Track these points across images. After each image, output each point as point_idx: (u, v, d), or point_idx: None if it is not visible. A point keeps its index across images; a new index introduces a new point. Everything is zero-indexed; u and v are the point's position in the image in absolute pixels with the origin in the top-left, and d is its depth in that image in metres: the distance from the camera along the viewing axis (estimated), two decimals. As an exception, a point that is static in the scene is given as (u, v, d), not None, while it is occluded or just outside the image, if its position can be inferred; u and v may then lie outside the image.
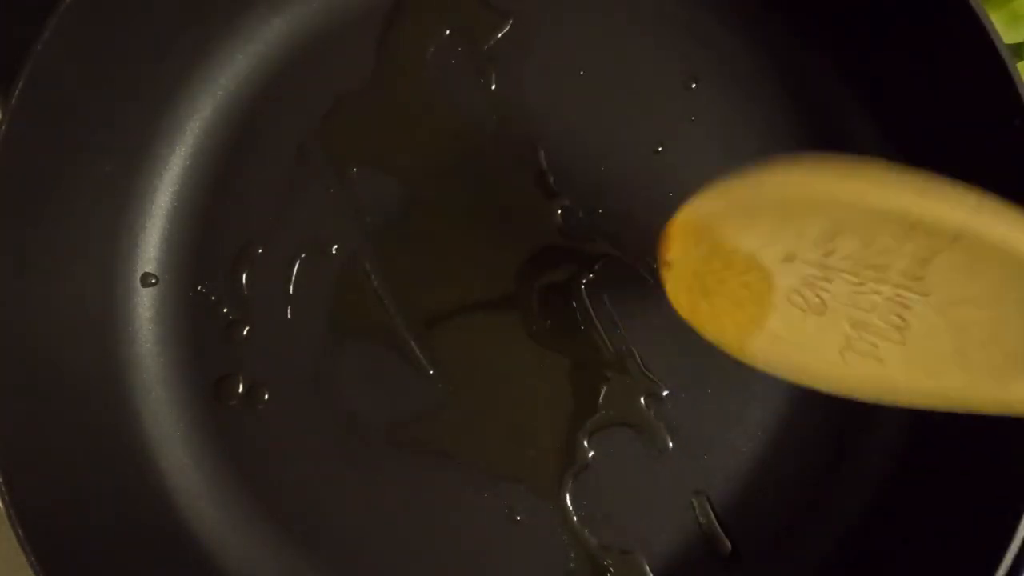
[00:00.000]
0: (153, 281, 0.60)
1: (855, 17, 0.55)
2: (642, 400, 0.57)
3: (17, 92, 0.52)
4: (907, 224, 0.31)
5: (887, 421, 0.56)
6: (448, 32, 0.59)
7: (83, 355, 0.58)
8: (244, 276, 0.60)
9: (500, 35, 0.59)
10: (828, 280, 0.32)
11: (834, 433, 0.57)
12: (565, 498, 0.57)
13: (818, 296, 0.31)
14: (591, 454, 0.57)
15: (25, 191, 0.54)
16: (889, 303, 0.30)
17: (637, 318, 0.58)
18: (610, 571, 0.56)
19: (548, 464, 0.57)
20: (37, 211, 0.55)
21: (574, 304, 0.58)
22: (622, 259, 0.58)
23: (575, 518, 0.57)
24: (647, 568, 0.57)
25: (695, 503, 0.57)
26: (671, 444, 0.56)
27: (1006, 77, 0.49)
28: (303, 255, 0.60)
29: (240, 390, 0.60)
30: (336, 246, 0.59)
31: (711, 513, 0.57)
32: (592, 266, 0.58)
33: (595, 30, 0.59)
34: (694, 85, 0.58)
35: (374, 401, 0.58)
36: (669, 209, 0.58)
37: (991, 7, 0.58)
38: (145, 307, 0.60)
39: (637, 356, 0.57)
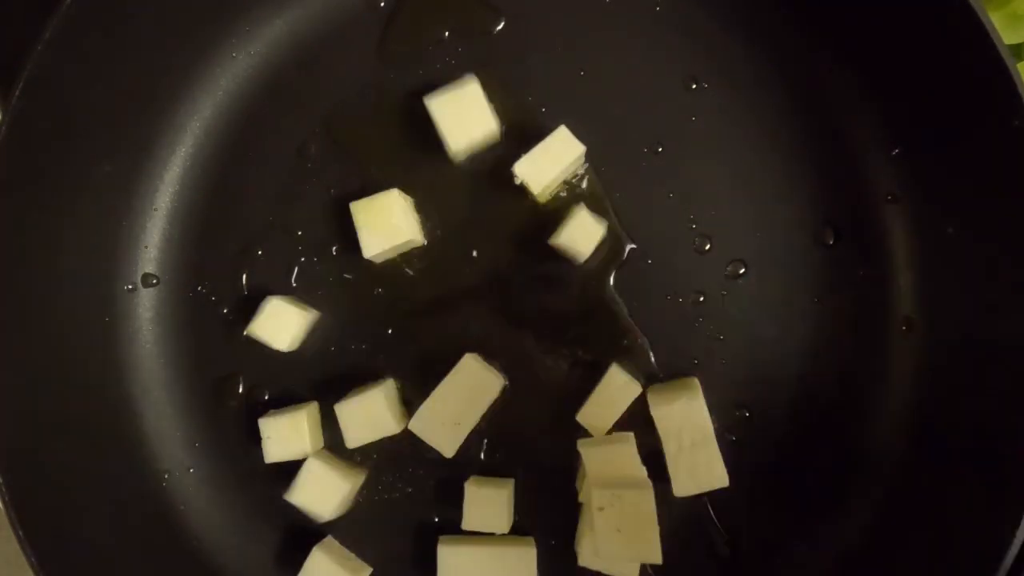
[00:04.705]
0: (153, 281, 0.60)
1: (855, 18, 0.55)
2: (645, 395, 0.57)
3: (17, 92, 0.52)
4: None
5: (887, 423, 0.56)
6: (448, 32, 0.59)
7: (83, 355, 0.58)
8: (244, 276, 0.60)
9: (500, 35, 0.59)
10: None
11: (834, 434, 0.57)
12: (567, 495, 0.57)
13: None
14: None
15: (25, 191, 0.54)
16: None
17: (640, 315, 0.58)
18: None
19: (548, 464, 0.58)
20: (37, 211, 0.55)
21: (575, 301, 0.58)
22: (622, 258, 0.58)
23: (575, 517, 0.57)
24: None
25: (696, 503, 0.57)
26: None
27: (1006, 77, 0.49)
28: (303, 255, 0.60)
29: (240, 390, 0.60)
30: (336, 246, 0.59)
31: (711, 513, 0.58)
32: (592, 265, 0.58)
33: (595, 30, 0.59)
34: (694, 85, 0.58)
35: (374, 401, 0.58)
36: (669, 209, 0.58)
37: (991, 7, 0.58)
38: (145, 307, 0.60)
39: (639, 350, 0.57)
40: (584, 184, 0.58)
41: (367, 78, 0.60)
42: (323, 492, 0.56)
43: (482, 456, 0.58)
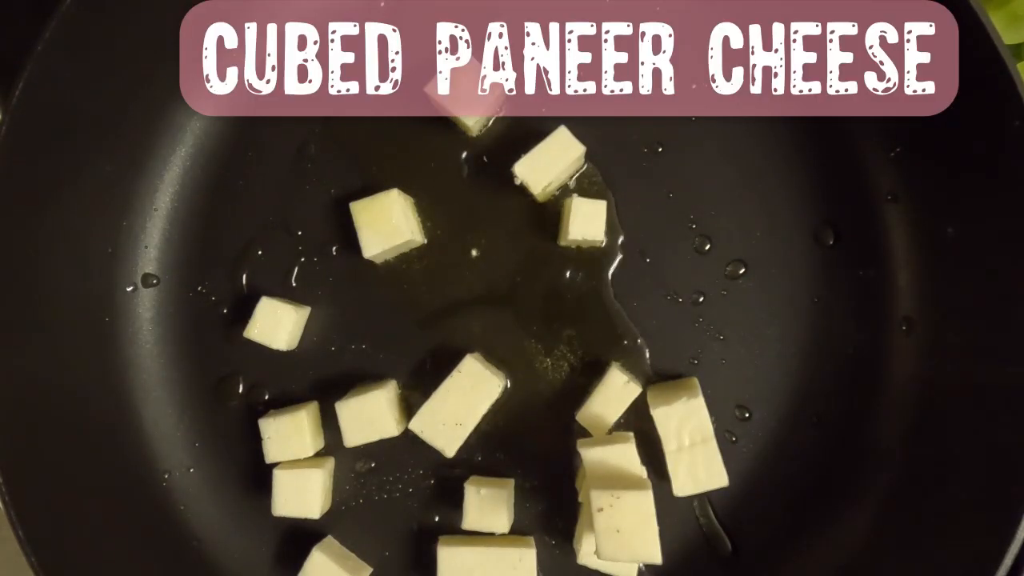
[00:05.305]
0: (153, 281, 0.60)
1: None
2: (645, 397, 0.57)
3: (17, 92, 0.52)
4: None
5: (887, 423, 0.56)
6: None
7: (83, 355, 0.58)
8: (244, 276, 0.60)
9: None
10: None
11: (834, 434, 0.57)
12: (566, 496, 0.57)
13: None
14: (591, 454, 0.57)
15: (25, 191, 0.54)
16: None
17: (640, 315, 0.58)
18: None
19: (548, 464, 0.58)
20: (37, 211, 0.55)
21: (575, 301, 0.58)
22: (622, 257, 0.58)
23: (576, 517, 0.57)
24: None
25: (695, 503, 0.57)
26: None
27: (1006, 77, 0.49)
28: (303, 255, 0.60)
29: (240, 390, 0.60)
30: (336, 246, 0.59)
31: (711, 513, 0.58)
32: (593, 264, 0.58)
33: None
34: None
35: (374, 401, 0.58)
36: (669, 209, 0.58)
37: (991, 7, 0.58)
38: (145, 307, 0.60)
39: (639, 350, 0.57)
40: (584, 184, 0.58)
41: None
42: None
43: (482, 456, 0.58)
